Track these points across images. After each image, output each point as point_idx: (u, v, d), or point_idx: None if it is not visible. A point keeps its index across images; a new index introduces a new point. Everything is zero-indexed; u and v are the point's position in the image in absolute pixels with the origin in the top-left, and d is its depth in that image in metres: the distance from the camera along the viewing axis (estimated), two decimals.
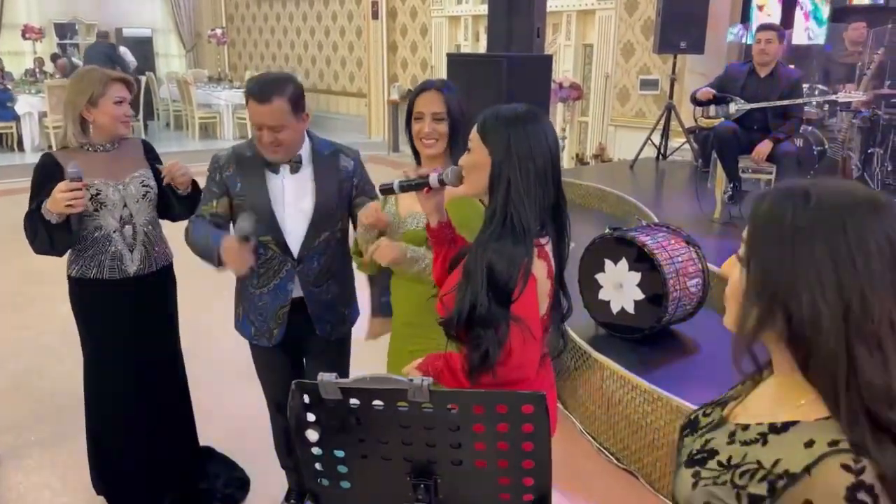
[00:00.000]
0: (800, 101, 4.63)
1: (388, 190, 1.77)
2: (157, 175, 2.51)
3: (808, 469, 0.85)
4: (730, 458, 0.95)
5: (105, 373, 2.56)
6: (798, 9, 6.85)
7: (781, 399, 0.96)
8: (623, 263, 3.25)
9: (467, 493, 1.29)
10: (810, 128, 5.67)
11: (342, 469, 1.30)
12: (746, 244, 0.95)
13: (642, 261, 3.19)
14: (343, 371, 2.51)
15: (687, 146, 7.00)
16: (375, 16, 10.94)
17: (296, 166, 2.27)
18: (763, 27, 4.68)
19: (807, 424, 0.90)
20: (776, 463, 0.89)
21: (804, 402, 0.92)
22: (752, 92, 4.65)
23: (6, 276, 5.43)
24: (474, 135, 1.61)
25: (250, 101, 2.16)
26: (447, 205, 1.85)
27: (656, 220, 4.56)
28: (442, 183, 1.69)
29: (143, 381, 2.57)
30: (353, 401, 1.21)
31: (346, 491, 1.32)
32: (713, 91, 4.73)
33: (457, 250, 1.76)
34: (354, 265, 2.33)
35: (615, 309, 3.31)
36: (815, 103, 5.75)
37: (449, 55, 5.13)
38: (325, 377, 1.19)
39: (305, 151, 2.31)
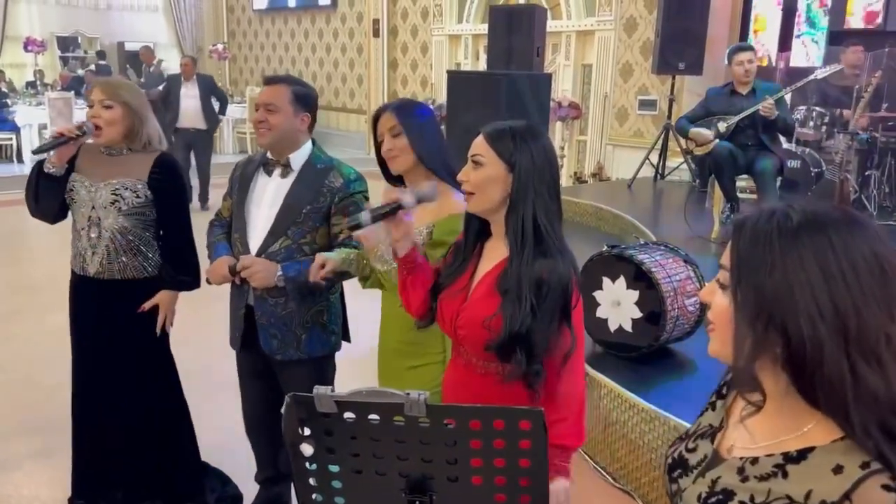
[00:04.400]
0: (784, 91, 4.65)
1: (356, 227, 1.66)
2: (160, 191, 2.49)
3: (847, 496, 0.84)
4: (752, 497, 0.92)
5: (78, 370, 2.59)
6: (796, 32, 6.91)
7: (781, 425, 0.94)
8: (621, 281, 3.24)
9: None
10: (808, 150, 5.70)
11: (336, 484, 1.28)
12: (732, 270, 0.93)
13: (640, 279, 3.18)
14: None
15: (685, 166, 7.03)
16: (377, 34, 11.02)
17: (285, 171, 2.31)
18: (739, 49, 4.71)
19: (825, 449, 0.88)
20: (809, 494, 0.86)
21: (811, 425, 0.90)
22: (735, 112, 4.69)
23: (1, 285, 5.41)
24: (485, 150, 1.59)
25: (262, 88, 2.32)
26: (441, 220, 1.85)
27: (654, 238, 4.56)
28: (420, 201, 1.67)
29: (111, 386, 2.55)
30: (349, 414, 1.19)
31: None
32: (709, 134, 4.75)
33: (432, 275, 1.75)
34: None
35: (612, 327, 3.30)
36: (811, 126, 5.78)
37: (449, 72, 5.17)
38: (321, 390, 1.18)
39: (300, 159, 2.32)
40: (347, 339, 2.55)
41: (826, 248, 0.87)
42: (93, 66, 12.20)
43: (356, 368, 2.55)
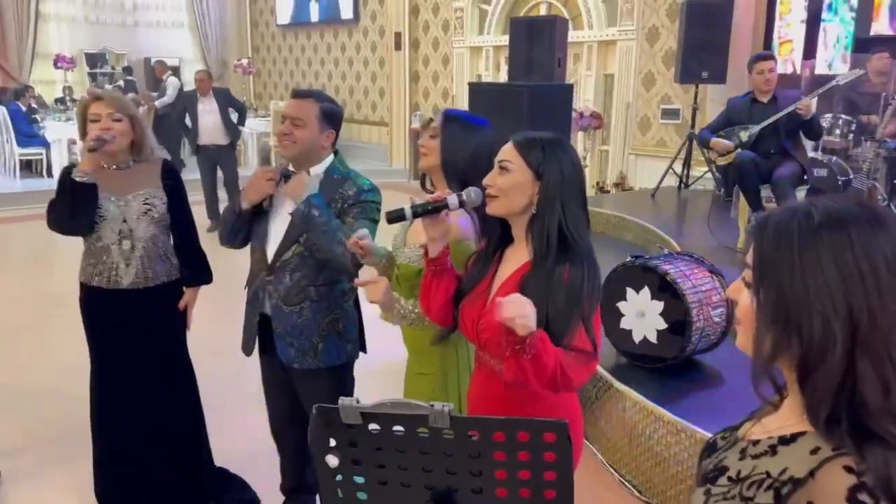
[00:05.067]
0: (804, 100, 4.56)
1: (398, 217, 1.71)
2: (173, 195, 2.60)
3: (811, 473, 0.86)
4: (739, 472, 0.95)
5: (102, 380, 2.63)
6: (821, 39, 6.84)
7: (791, 415, 0.96)
8: (645, 292, 3.22)
9: None
10: (835, 158, 5.62)
11: (362, 495, 1.28)
12: (754, 269, 0.94)
13: (665, 290, 3.16)
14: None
15: (709, 175, 6.96)
16: (398, 47, 11.08)
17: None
18: (759, 57, 4.67)
19: (813, 434, 0.90)
20: (783, 471, 0.89)
21: None
22: (757, 120, 4.65)
23: (26, 299, 5.50)
24: (514, 156, 1.63)
25: (289, 100, 2.35)
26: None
27: (679, 248, 4.52)
28: (462, 205, 1.70)
29: (139, 393, 2.59)
30: (374, 426, 1.20)
31: None
32: (729, 143, 4.71)
33: (455, 282, 1.77)
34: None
35: (637, 338, 3.27)
36: (838, 134, 5.71)
37: (471, 84, 5.19)
38: (346, 401, 1.18)
39: (320, 170, 2.34)
40: (363, 350, 2.55)
41: (845, 247, 0.86)
42: (121, 82, 12.41)
43: (373, 380, 2.56)
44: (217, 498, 2.81)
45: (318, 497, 2.70)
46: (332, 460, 1.25)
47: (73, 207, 2.42)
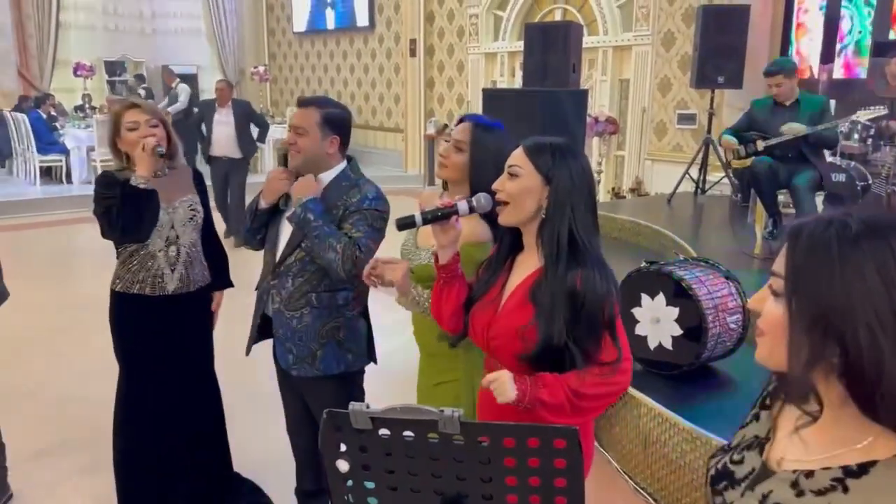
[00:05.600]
0: (820, 127, 4.53)
1: (407, 224, 1.70)
2: (204, 202, 2.67)
3: None
4: None
5: (135, 386, 2.64)
6: (839, 43, 6.78)
7: (838, 437, 0.91)
8: (660, 298, 3.20)
9: None
10: (853, 163, 5.56)
11: (372, 501, 1.28)
12: (786, 278, 0.91)
13: (680, 296, 3.14)
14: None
15: (726, 180, 6.92)
16: (413, 53, 11.12)
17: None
18: (770, 73, 4.63)
19: (887, 464, 0.86)
20: None
21: (871, 438, 0.88)
22: (778, 122, 4.61)
23: (48, 304, 5.56)
24: (524, 161, 1.63)
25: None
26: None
27: (694, 254, 4.49)
28: (472, 210, 1.70)
29: (171, 398, 2.62)
30: (384, 431, 1.20)
31: None
32: (734, 141, 4.70)
33: (466, 288, 1.77)
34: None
35: (652, 344, 3.25)
36: (856, 138, 5.66)
37: (485, 90, 5.20)
38: (356, 406, 1.18)
39: (327, 178, 2.34)
40: (374, 360, 2.51)
41: (887, 256, 0.85)
42: (140, 91, 12.56)
43: (385, 389, 2.56)
44: (233, 499, 2.83)
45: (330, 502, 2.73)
46: (343, 465, 1.25)
47: (139, 215, 2.43)
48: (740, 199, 6.46)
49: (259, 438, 3.30)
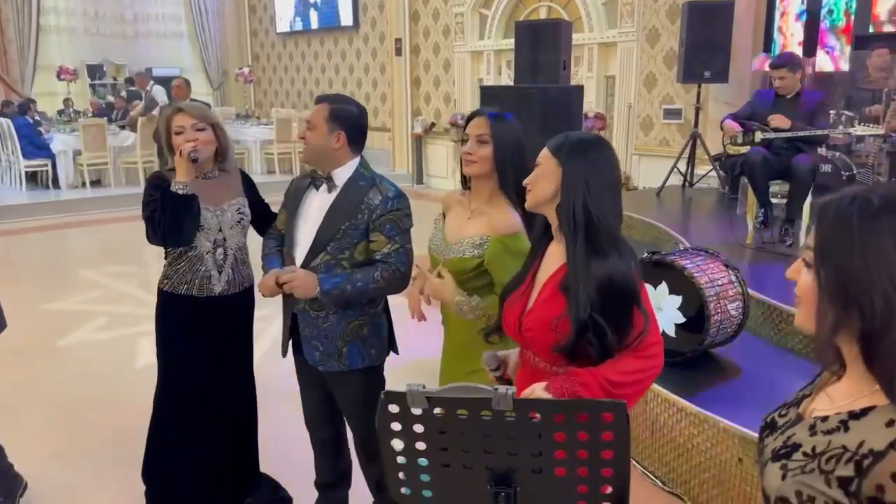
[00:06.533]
0: (819, 132, 4.66)
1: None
2: (252, 204, 2.69)
3: (892, 445, 0.93)
4: (814, 448, 1.02)
5: (175, 386, 2.68)
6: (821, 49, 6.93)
7: (854, 390, 1.03)
8: (663, 287, 3.28)
9: (546, 501, 1.32)
10: (838, 153, 5.70)
11: (425, 478, 1.34)
12: (815, 251, 1.02)
13: (682, 284, 3.22)
14: (359, 407, 2.49)
15: (713, 173, 7.05)
16: (399, 52, 11.16)
17: (330, 185, 2.38)
18: (774, 66, 4.72)
19: (884, 408, 0.97)
20: (861, 444, 0.96)
21: (877, 387, 0.99)
22: (780, 113, 4.70)
23: (41, 308, 5.56)
24: (545, 151, 1.69)
25: None
26: (492, 241, 2.01)
27: (689, 245, 4.59)
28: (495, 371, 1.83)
29: (211, 397, 2.67)
30: (438, 410, 1.26)
31: (428, 499, 1.37)
32: (738, 126, 4.80)
33: None
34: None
35: None
36: (840, 128, 5.79)
37: (482, 87, 5.30)
38: (413, 386, 1.24)
39: (343, 176, 2.38)
40: (395, 351, 2.59)
41: None
42: (123, 93, 12.48)
43: (404, 378, 2.61)
44: (253, 496, 2.87)
45: (349, 492, 2.79)
46: (398, 444, 1.31)
47: (179, 220, 2.46)
48: (728, 191, 6.59)
49: (274, 435, 3.35)
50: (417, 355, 2.97)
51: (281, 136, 11.42)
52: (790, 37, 7.23)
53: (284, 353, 2.56)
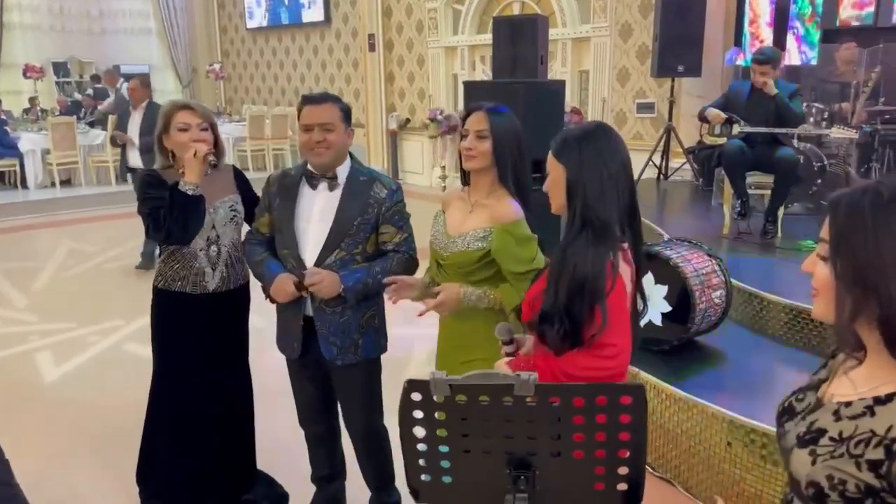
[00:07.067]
0: (795, 130, 4.77)
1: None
2: (245, 201, 2.67)
3: None
4: (841, 433, 1.06)
5: (170, 383, 2.67)
6: (790, 32, 7.07)
7: (876, 376, 1.07)
8: (649, 277, 3.35)
9: (564, 483, 1.36)
10: (809, 145, 5.84)
11: (445, 464, 1.37)
12: (830, 242, 1.06)
13: (667, 274, 3.29)
14: (366, 399, 2.54)
15: (687, 166, 7.17)
16: (372, 48, 11.13)
17: (332, 184, 2.38)
18: (758, 61, 4.80)
19: None
20: (889, 429, 1.00)
21: None
22: (754, 107, 4.80)
23: (18, 309, 5.47)
24: (550, 158, 1.73)
25: (305, 108, 2.34)
26: (496, 232, 2.04)
27: (668, 237, 4.67)
28: (508, 343, 1.85)
29: (206, 394, 2.66)
30: (461, 397, 1.29)
31: (447, 485, 1.40)
32: (724, 114, 4.88)
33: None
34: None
35: (643, 322, 3.38)
36: (812, 122, 5.93)
37: (466, 83, 5.31)
38: (437, 375, 1.27)
39: (343, 173, 2.40)
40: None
41: None
42: (90, 91, 12.28)
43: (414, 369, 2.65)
44: (250, 493, 2.88)
45: (346, 483, 2.81)
46: (419, 431, 1.34)
47: (187, 220, 2.45)
48: (702, 184, 6.73)
49: (267, 431, 3.35)
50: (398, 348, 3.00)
51: (254, 133, 11.34)
52: (761, 30, 7.37)
53: (296, 354, 2.50)
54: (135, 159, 6.41)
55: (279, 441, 3.21)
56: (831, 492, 1.03)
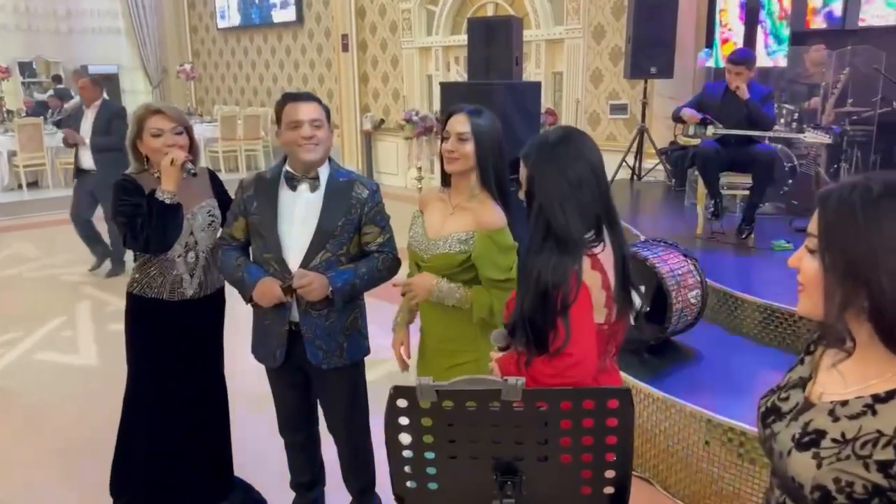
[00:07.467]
0: (769, 133, 4.84)
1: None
2: (222, 204, 2.63)
3: None
4: (843, 434, 1.05)
5: (145, 389, 2.62)
6: (760, 32, 7.16)
7: (869, 371, 1.07)
8: None
9: (551, 487, 1.36)
10: (780, 146, 5.93)
11: (431, 471, 1.36)
12: (819, 237, 1.07)
13: (644, 275, 3.31)
14: (351, 402, 2.52)
15: (660, 167, 7.23)
16: (346, 48, 11.08)
17: (314, 184, 2.35)
18: (733, 61, 4.83)
19: None
20: None
21: None
22: (728, 108, 4.85)
23: None
24: (522, 167, 1.73)
25: (290, 105, 2.30)
26: (478, 237, 2.05)
27: (643, 237, 4.71)
28: (504, 350, 1.81)
29: (181, 401, 2.62)
30: (448, 403, 1.28)
31: (433, 492, 1.39)
32: (699, 115, 4.91)
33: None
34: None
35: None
36: (782, 123, 6.02)
37: (442, 84, 5.31)
38: (423, 381, 1.26)
39: (324, 173, 2.38)
40: None
41: None
42: (51, 91, 12.03)
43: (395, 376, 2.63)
44: (228, 498, 2.84)
45: (325, 489, 2.78)
46: (405, 438, 1.33)
47: (164, 230, 2.41)
48: (675, 184, 6.79)
49: (244, 437, 3.31)
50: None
51: (226, 134, 11.22)
52: (730, 31, 7.46)
53: (278, 362, 2.44)
54: (87, 161, 6.13)
55: (256, 447, 3.17)
56: (838, 494, 1.02)
